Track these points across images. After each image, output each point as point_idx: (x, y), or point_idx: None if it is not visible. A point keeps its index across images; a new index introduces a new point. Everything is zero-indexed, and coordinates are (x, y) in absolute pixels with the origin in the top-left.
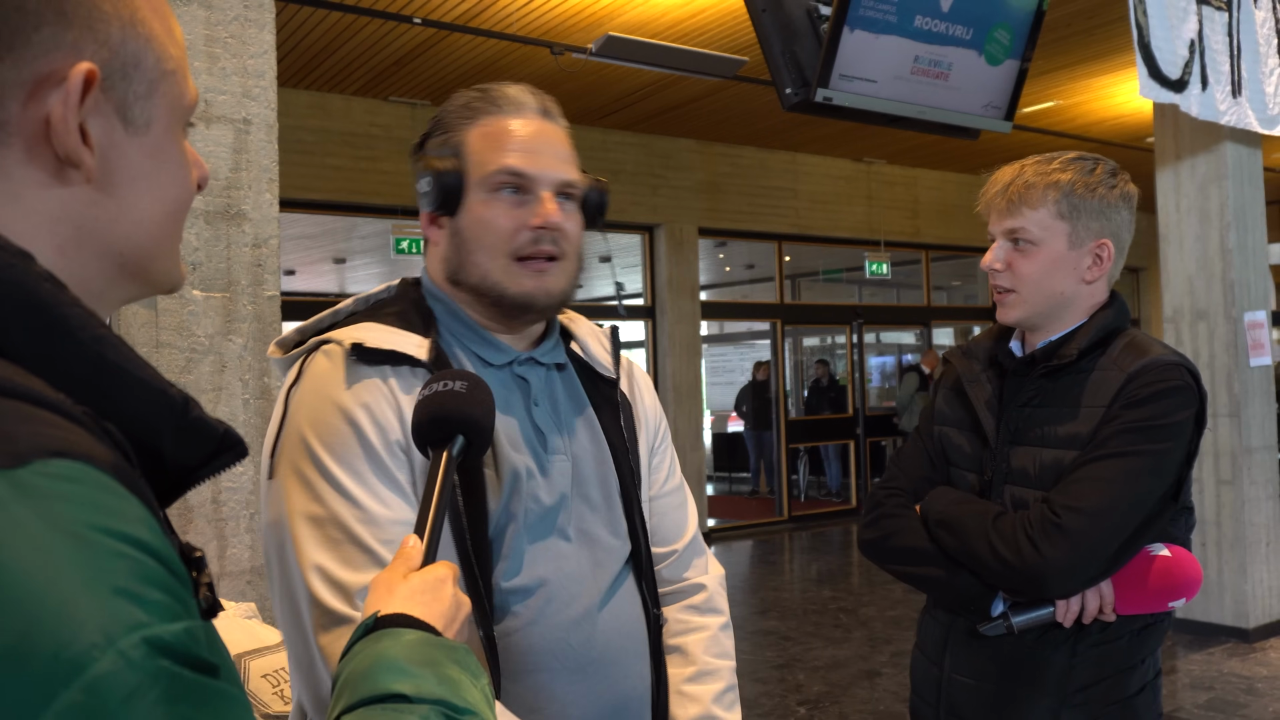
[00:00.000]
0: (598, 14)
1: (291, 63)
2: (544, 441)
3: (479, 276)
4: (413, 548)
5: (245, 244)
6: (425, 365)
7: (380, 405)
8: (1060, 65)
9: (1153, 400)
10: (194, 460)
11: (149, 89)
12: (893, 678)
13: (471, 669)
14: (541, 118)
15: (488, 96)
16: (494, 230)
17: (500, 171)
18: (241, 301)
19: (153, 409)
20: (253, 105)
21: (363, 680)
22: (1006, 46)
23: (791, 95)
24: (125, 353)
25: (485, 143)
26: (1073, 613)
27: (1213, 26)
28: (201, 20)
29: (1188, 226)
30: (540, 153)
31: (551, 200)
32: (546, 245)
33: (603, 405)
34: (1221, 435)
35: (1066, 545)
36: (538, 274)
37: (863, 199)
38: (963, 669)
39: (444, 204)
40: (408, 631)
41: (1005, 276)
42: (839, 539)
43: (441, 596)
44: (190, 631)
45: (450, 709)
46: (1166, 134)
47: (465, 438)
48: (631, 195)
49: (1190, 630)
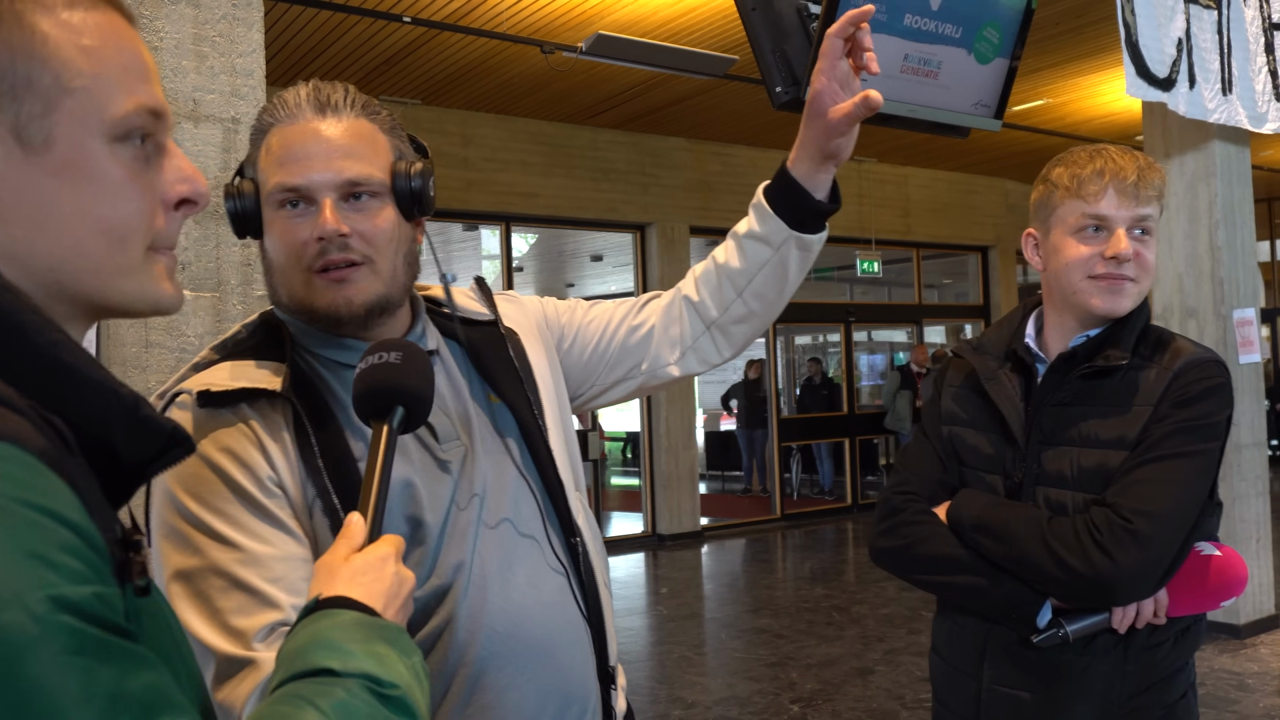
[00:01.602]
0: (588, 13)
1: (281, 62)
2: (433, 432)
3: (287, 295)
4: (355, 525)
5: (235, 244)
6: (283, 396)
7: (242, 445)
8: (1050, 64)
9: (1201, 399)
10: (146, 454)
11: (45, 108)
12: (886, 675)
13: (402, 646)
14: (319, 117)
15: (270, 106)
16: (285, 249)
17: (275, 189)
18: (231, 301)
19: (104, 407)
20: (241, 104)
21: (296, 657)
22: (996, 45)
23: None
24: (80, 356)
25: (267, 158)
26: (1129, 618)
27: (1201, 25)
28: (190, 19)
29: (1177, 224)
30: (313, 158)
31: (330, 208)
32: (335, 254)
33: (490, 348)
34: None
35: (1140, 552)
36: (336, 284)
37: (853, 197)
38: (1006, 680)
39: (241, 228)
40: (343, 612)
41: (1132, 266)
42: (832, 537)
43: (382, 576)
44: (101, 597)
45: (376, 682)
46: (1155, 132)
47: (404, 408)
48: (623, 194)
49: None
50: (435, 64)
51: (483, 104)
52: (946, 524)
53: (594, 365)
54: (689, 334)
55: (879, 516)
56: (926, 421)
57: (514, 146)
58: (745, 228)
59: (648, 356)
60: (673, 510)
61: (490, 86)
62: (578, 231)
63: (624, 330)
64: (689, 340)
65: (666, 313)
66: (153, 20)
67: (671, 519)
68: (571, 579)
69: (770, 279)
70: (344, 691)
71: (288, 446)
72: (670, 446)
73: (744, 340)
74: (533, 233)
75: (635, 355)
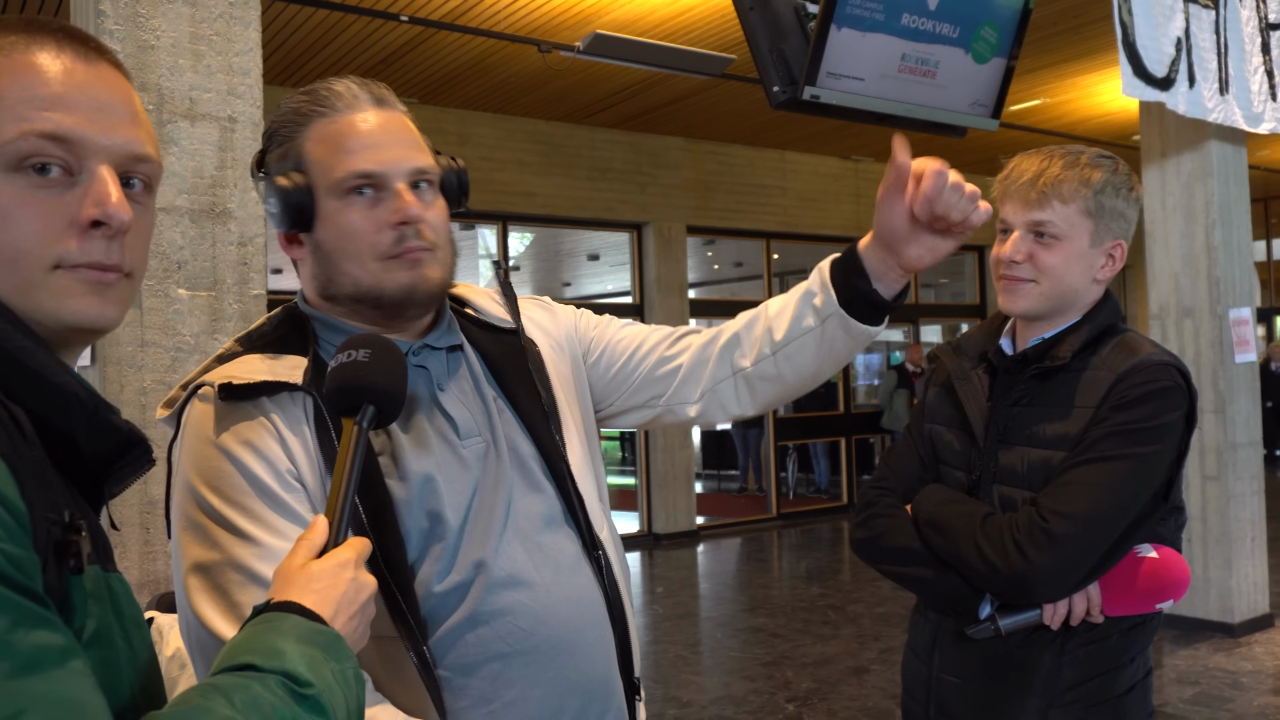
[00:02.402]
0: (585, 12)
1: (278, 61)
2: (454, 427)
3: (351, 286)
4: (318, 529)
5: (231, 242)
6: (303, 389)
7: (262, 439)
8: (1047, 63)
9: (1141, 402)
10: (105, 451)
11: None
12: (881, 674)
13: (334, 652)
14: (377, 108)
15: (316, 98)
16: (356, 237)
17: (349, 176)
18: (227, 300)
19: (64, 407)
20: (238, 103)
21: (229, 655)
22: (993, 44)
23: (779, 93)
24: (43, 361)
25: (325, 148)
26: (1060, 615)
27: (1200, 24)
28: (186, 18)
29: (1173, 224)
30: (385, 146)
31: (408, 192)
32: (412, 241)
33: (509, 360)
34: (1207, 431)
35: (1053, 552)
36: (413, 264)
37: (850, 196)
38: (950, 668)
39: (297, 221)
40: (287, 616)
41: (1026, 268)
42: (828, 536)
43: (337, 582)
44: (9, 555)
45: (293, 680)
46: (1152, 132)
47: (374, 406)
48: (620, 193)
49: (1176, 626)
50: (432, 63)
51: (480, 103)
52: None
53: (615, 385)
54: (715, 375)
55: (857, 509)
56: (913, 419)
57: (511, 146)
58: (804, 287)
59: (670, 390)
60: (668, 509)
61: (487, 86)
62: (575, 230)
63: (654, 359)
64: (713, 382)
65: (701, 351)
66: (150, 19)
67: (667, 518)
68: (595, 581)
69: (808, 349)
70: (260, 686)
71: (308, 440)
72: (666, 445)
73: (767, 402)
74: (529, 232)
75: (658, 386)
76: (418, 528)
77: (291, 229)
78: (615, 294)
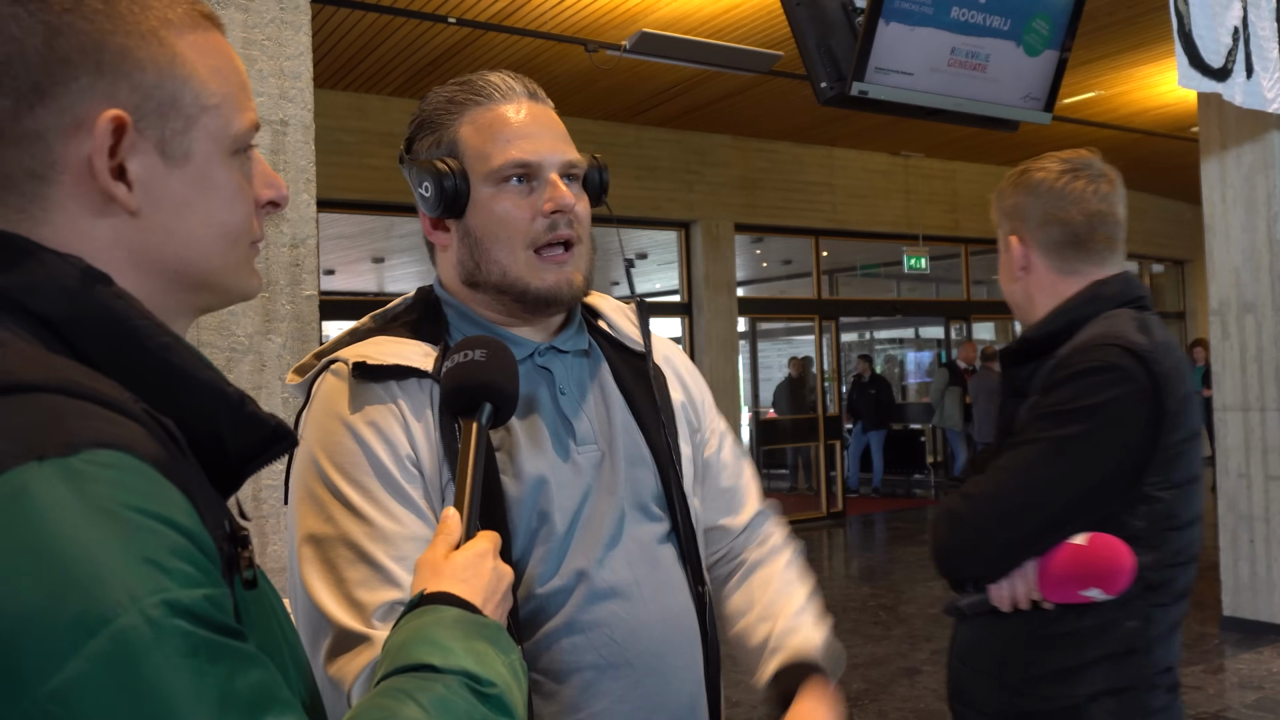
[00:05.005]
0: (631, 11)
1: (329, 64)
2: (571, 432)
3: (499, 274)
4: (452, 522)
5: (283, 244)
6: (432, 376)
7: (387, 422)
8: (1101, 55)
9: (1067, 383)
10: (252, 449)
11: (186, 125)
12: (933, 675)
13: (501, 644)
14: (531, 100)
15: (471, 87)
16: (509, 224)
17: (506, 165)
18: (280, 301)
19: (212, 405)
20: (290, 107)
21: (399, 651)
22: (1045, 37)
23: (827, 89)
24: (188, 357)
25: (481, 136)
26: (1005, 596)
27: (1259, 13)
28: (238, 23)
29: (1234, 217)
30: (539, 136)
31: (561, 182)
32: (564, 229)
33: (635, 381)
34: (1270, 430)
35: (954, 533)
36: (559, 266)
37: (900, 193)
38: (952, 650)
39: (451, 207)
40: (446, 609)
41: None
42: (881, 535)
43: (481, 572)
44: (211, 599)
45: (474, 680)
46: (1211, 123)
47: (491, 404)
48: (667, 191)
49: (1239, 629)
50: (480, 64)
51: None
52: None
53: None
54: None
55: None
56: None
57: None
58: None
59: None
60: None
61: None
62: (622, 230)
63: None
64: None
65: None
66: None
67: None
68: (692, 607)
69: None
70: (444, 688)
71: (430, 428)
72: None
73: None
74: None
75: None
76: (527, 527)
77: (445, 215)
78: (663, 292)
